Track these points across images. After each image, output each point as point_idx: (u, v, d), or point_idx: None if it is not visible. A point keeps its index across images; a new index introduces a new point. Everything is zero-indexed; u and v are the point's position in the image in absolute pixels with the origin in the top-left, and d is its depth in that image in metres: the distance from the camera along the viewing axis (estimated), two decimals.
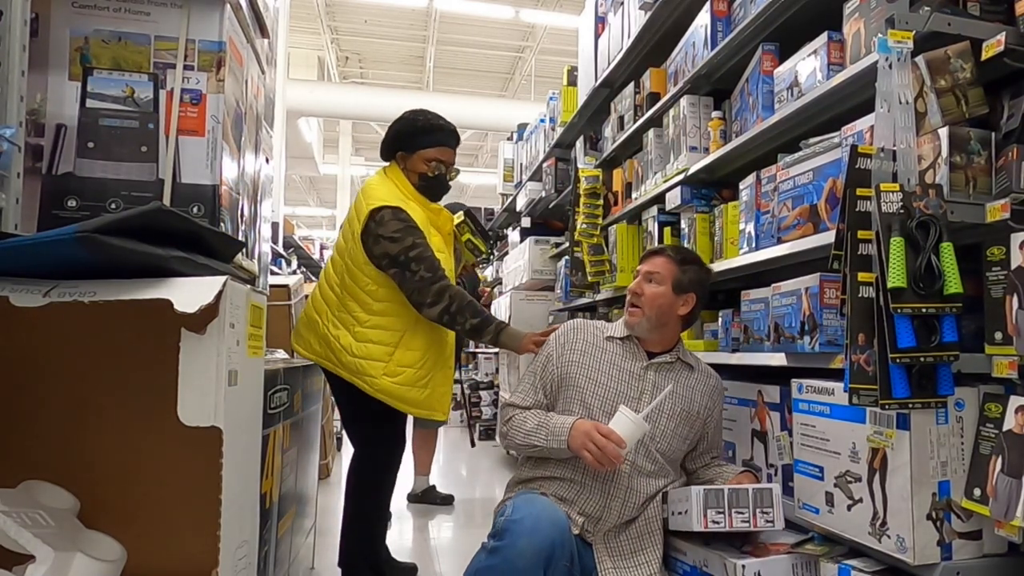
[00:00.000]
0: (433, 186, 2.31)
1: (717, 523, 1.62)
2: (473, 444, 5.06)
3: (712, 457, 1.96)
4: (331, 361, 2.24)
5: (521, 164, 6.00)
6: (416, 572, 2.71)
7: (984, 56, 1.41)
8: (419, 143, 2.27)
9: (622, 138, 3.22)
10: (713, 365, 2.05)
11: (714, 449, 1.97)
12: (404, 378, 2.22)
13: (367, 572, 2.33)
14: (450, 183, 2.38)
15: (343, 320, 2.23)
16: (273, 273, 4.88)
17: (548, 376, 1.90)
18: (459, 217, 2.53)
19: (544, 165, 4.82)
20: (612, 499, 1.79)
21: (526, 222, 5.30)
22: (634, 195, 3.08)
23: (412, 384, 2.24)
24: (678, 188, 2.53)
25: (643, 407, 1.76)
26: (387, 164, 2.38)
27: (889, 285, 1.32)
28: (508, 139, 6.75)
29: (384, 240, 2.16)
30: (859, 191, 1.42)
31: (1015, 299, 1.29)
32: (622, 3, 3.25)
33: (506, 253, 6.16)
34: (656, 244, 2.77)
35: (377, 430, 2.33)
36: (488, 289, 3.61)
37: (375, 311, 2.23)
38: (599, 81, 3.57)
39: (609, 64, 3.39)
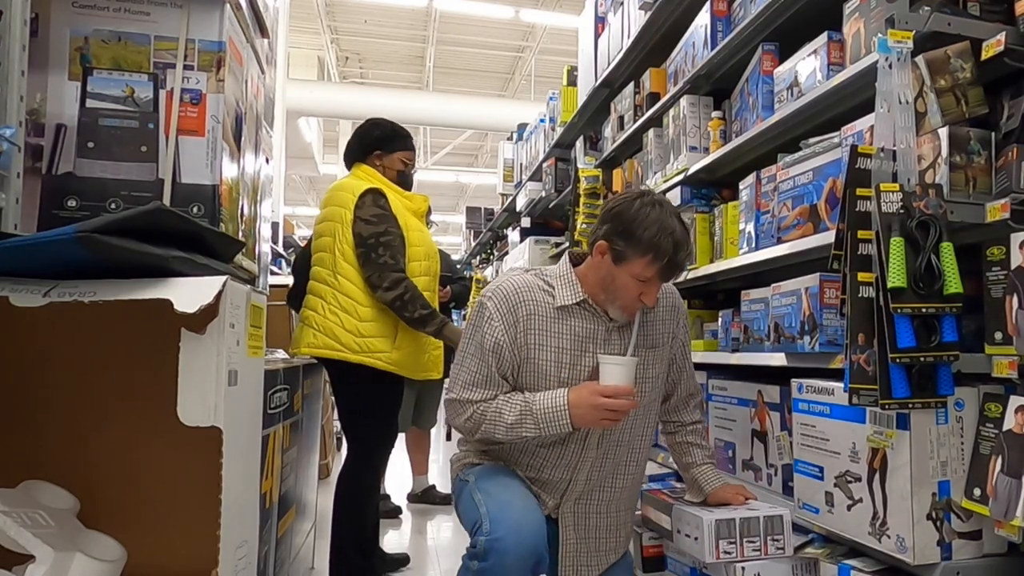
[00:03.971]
0: (406, 181, 2.66)
1: (729, 553, 1.63)
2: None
3: (694, 406, 1.86)
4: (335, 349, 2.31)
5: (521, 164, 5.99)
6: (408, 562, 2.82)
7: (984, 56, 1.41)
8: (397, 145, 2.62)
9: (622, 138, 3.22)
10: (713, 365, 2.04)
11: (695, 396, 1.87)
12: (413, 348, 2.42)
13: (356, 563, 2.39)
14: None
15: (344, 305, 2.34)
16: (273, 273, 4.87)
17: (505, 365, 1.66)
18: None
19: (544, 165, 4.81)
20: (578, 471, 1.70)
21: (526, 222, 5.30)
22: None
23: (420, 351, 2.46)
24: (678, 188, 2.53)
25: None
26: (354, 167, 2.61)
27: (889, 285, 1.32)
28: (508, 139, 6.74)
29: (360, 221, 2.35)
30: (859, 191, 1.42)
31: (1015, 299, 1.29)
32: (622, 3, 3.25)
33: (506, 253, 6.16)
34: None
35: (376, 420, 2.43)
36: (448, 288, 3.85)
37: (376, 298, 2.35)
38: (599, 81, 3.57)
39: (609, 64, 3.39)
